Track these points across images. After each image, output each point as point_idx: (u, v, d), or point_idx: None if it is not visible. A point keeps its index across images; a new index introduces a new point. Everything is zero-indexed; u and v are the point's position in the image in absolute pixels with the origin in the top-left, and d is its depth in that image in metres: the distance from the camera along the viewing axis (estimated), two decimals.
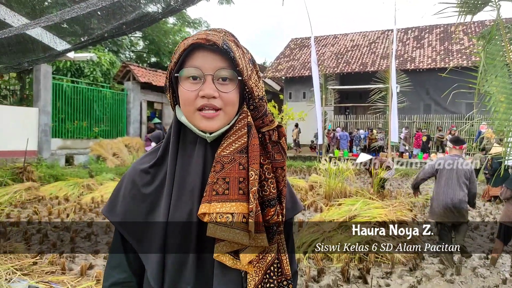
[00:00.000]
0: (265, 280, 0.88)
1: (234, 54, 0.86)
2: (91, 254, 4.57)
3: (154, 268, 0.89)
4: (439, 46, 21.12)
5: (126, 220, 0.93)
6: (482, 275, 4.31)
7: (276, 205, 0.90)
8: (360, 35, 24.85)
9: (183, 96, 0.90)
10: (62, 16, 2.70)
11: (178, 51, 0.90)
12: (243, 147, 0.89)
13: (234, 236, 0.83)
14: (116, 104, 13.62)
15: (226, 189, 0.86)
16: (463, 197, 4.69)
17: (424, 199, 8.57)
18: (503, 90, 5.88)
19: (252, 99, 0.93)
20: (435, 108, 20.26)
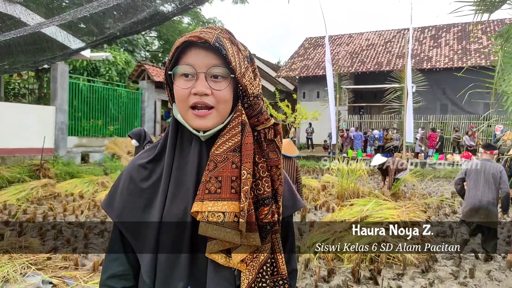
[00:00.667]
0: (258, 279, 0.88)
1: (226, 52, 0.86)
2: (103, 251, 4.64)
3: (147, 263, 0.90)
4: (457, 45, 20.72)
5: (123, 215, 0.95)
6: (497, 278, 4.22)
7: (271, 204, 0.90)
8: (375, 34, 24.57)
9: (176, 93, 0.90)
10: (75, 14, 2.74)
11: (173, 49, 0.91)
12: (237, 146, 0.89)
13: (225, 235, 0.83)
14: (131, 103, 13.79)
15: (218, 187, 0.86)
16: (492, 199, 4.65)
17: (439, 200, 8.43)
18: None
19: (247, 97, 0.92)
20: (452, 108, 19.88)
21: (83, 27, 5.46)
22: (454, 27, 22.45)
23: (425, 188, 11.09)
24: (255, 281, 0.88)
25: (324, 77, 16.53)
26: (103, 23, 4.69)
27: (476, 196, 4.78)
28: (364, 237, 4.65)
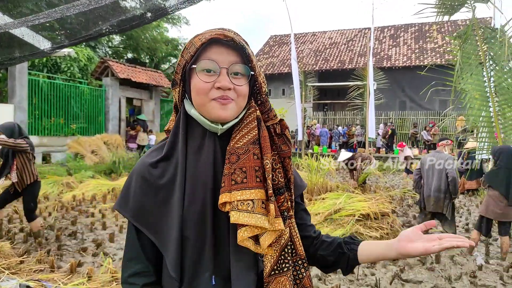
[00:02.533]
0: (281, 260, 0.94)
1: (248, 51, 0.93)
2: (78, 252, 4.54)
3: (173, 258, 0.92)
4: (414, 45, 21.70)
5: (140, 215, 0.96)
6: (459, 262, 4.54)
7: (284, 193, 0.97)
8: (338, 33, 25.20)
9: (198, 86, 0.93)
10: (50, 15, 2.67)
11: (194, 45, 0.93)
12: (255, 139, 0.94)
13: (257, 220, 0.88)
14: (94, 100, 13.33)
15: (244, 178, 0.91)
16: (439, 186, 5.18)
17: (402, 192, 8.86)
18: (477, 87, 6.18)
19: (260, 94, 0.99)
20: (410, 105, 20.85)
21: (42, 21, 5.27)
22: (411, 27, 23.48)
23: (388, 181, 11.60)
24: (277, 263, 0.94)
25: (289, 74, 16.79)
26: (65, 18, 4.56)
27: (428, 185, 5.30)
28: (339, 228, 4.84)
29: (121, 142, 13.53)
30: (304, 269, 1.02)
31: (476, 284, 3.87)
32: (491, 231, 4.94)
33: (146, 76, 15.10)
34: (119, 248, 4.78)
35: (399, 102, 21.12)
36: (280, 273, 0.94)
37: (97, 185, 8.40)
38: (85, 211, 6.60)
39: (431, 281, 3.96)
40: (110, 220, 6.07)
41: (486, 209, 4.70)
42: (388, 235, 4.96)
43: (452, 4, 5.94)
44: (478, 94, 6.16)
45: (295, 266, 1.00)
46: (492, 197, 4.66)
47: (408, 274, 4.14)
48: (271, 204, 0.90)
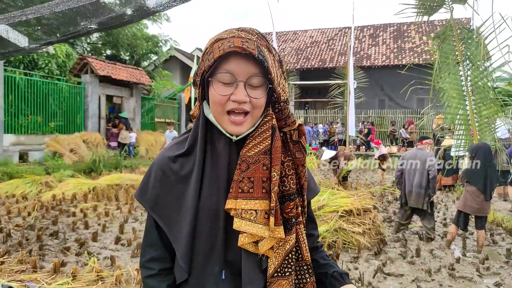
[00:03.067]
0: (284, 264, 0.98)
1: (267, 64, 0.91)
2: (61, 252, 4.46)
3: (183, 250, 0.97)
4: (393, 44, 22.12)
5: (157, 205, 1.01)
6: (438, 256, 4.69)
7: (295, 199, 1.00)
8: (318, 32, 25.43)
9: (214, 98, 0.95)
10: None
11: (213, 54, 0.92)
12: (267, 149, 0.96)
13: (257, 230, 0.93)
14: (73, 98, 13.03)
15: (251, 187, 0.94)
16: (421, 183, 5.30)
17: (382, 189, 9.05)
18: (455, 86, 6.38)
19: (278, 103, 1.00)
20: (389, 104, 21.27)
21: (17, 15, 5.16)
22: (390, 27, 23.91)
23: (369, 179, 11.81)
24: (281, 266, 0.98)
25: None
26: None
27: (409, 181, 5.44)
28: (323, 224, 4.92)
29: (101, 140, 13.29)
30: (309, 274, 1.04)
31: (455, 276, 4.01)
32: (468, 225, 5.11)
33: (127, 73, 14.87)
34: (103, 247, 4.73)
35: (379, 101, 21.51)
36: (282, 276, 0.98)
37: (77, 184, 8.25)
38: (66, 210, 6.48)
39: (412, 274, 4.09)
40: (92, 220, 5.98)
41: (464, 204, 4.86)
42: (370, 230, 5.07)
43: (431, 5, 6.11)
44: (455, 93, 6.36)
45: (300, 271, 1.04)
46: (469, 193, 4.82)
47: (390, 268, 4.25)
48: (271, 216, 0.94)
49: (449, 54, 6.30)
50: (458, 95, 6.36)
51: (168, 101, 18.23)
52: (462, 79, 6.31)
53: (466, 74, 6.23)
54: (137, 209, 6.79)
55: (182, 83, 22.33)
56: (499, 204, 7.90)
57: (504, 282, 3.89)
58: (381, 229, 5.26)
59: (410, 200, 5.40)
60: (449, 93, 6.35)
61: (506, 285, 3.83)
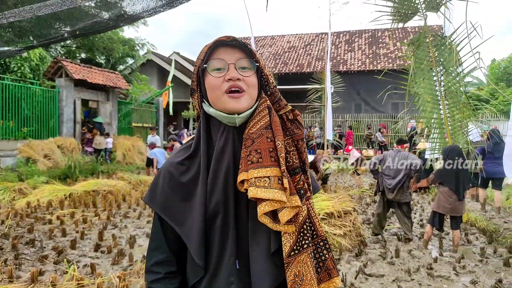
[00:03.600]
0: (300, 238, 0.99)
1: (250, 47, 1.05)
2: (38, 260, 4.33)
3: (196, 246, 0.99)
4: (368, 50, 22.63)
5: (167, 207, 1.05)
6: (417, 256, 4.82)
7: (300, 173, 1.04)
8: (296, 37, 25.73)
9: (210, 83, 1.03)
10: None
11: (203, 51, 1.05)
12: (267, 124, 1.03)
13: (274, 194, 0.95)
14: (47, 102, 12.68)
15: (259, 158, 0.99)
16: (402, 179, 5.44)
17: (360, 191, 9.22)
18: (429, 91, 6.59)
19: (268, 86, 1.10)
20: (365, 108, 21.70)
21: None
22: (365, 33, 24.46)
23: (347, 182, 12.00)
24: (297, 242, 0.99)
25: None
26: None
27: (389, 177, 5.56)
28: None
29: (76, 145, 12.97)
30: (327, 250, 1.07)
31: (433, 275, 4.13)
32: (443, 225, 5.27)
33: (103, 77, 14.61)
34: (82, 255, 4.62)
35: (355, 105, 21.91)
36: (299, 252, 0.98)
37: (53, 190, 8.01)
38: (42, 218, 6.28)
39: (392, 274, 4.18)
40: (69, 227, 5.83)
41: (438, 204, 5.02)
42: (351, 232, 5.16)
43: (406, 13, 6.30)
44: (429, 97, 6.57)
45: (317, 248, 1.06)
46: (443, 193, 4.99)
47: (371, 269, 4.34)
48: (285, 179, 0.96)
49: (423, 60, 6.51)
50: (432, 100, 6.57)
51: (146, 106, 18.00)
52: (436, 84, 6.52)
53: (439, 79, 6.45)
54: (115, 216, 6.66)
55: (159, 87, 22.10)
56: (472, 204, 8.19)
57: (479, 279, 4.04)
58: (361, 231, 5.37)
59: (389, 195, 5.50)
60: (424, 97, 6.55)
61: (481, 282, 3.98)
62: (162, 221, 1.06)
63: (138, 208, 7.30)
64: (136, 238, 5.26)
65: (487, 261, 4.67)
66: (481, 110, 6.89)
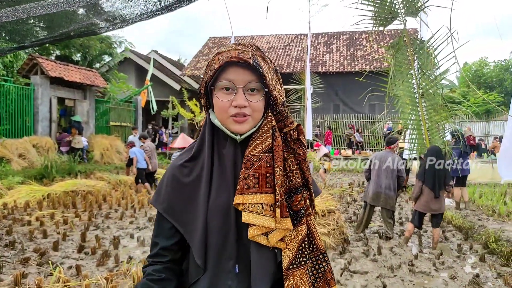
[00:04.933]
0: (299, 255, 1.05)
1: (262, 70, 1.02)
2: (20, 263, 4.22)
3: (198, 245, 1.03)
4: (346, 52, 23.01)
5: (170, 208, 1.09)
6: (398, 253, 4.98)
7: (302, 192, 1.08)
8: (275, 38, 25.87)
9: (218, 104, 1.05)
10: None
11: (214, 66, 1.04)
12: (269, 147, 1.06)
13: (264, 222, 1.00)
14: (21, 100, 12.27)
15: (256, 183, 1.03)
16: (389, 184, 5.57)
17: (341, 191, 9.39)
18: (408, 93, 6.79)
19: (275, 105, 1.11)
20: (343, 108, 22.05)
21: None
22: (343, 35, 24.85)
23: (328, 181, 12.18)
24: (295, 257, 1.04)
25: None
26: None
27: (377, 182, 5.65)
28: None
29: (52, 145, 12.63)
30: (325, 262, 1.13)
31: (414, 271, 4.29)
32: (423, 223, 5.46)
33: (80, 75, 14.27)
34: (65, 256, 4.55)
35: (333, 106, 22.23)
36: (297, 267, 1.04)
37: (30, 191, 7.80)
38: (20, 219, 6.12)
39: (375, 271, 4.31)
40: (50, 228, 5.70)
41: (418, 203, 5.19)
42: (335, 230, 5.28)
43: (386, 17, 6.47)
44: (408, 99, 6.78)
45: (316, 260, 1.11)
46: (423, 193, 5.16)
47: (355, 266, 4.46)
48: (277, 208, 1.01)
49: (403, 63, 6.71)
50: (411, 102, 6.78)
51: (124, 104, 17.69)
52: (415, 86, 6.74)
53: (418, 82, 6.66)
54: (97, 217, 6.55)
55: (137, 85, 21.77)
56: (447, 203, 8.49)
57: (457, 274, 4.22)
58: (344, 229, 5.49)
59: (378, 201, 5.57)
60: (403, 99, 6.76)
61: (460, 277, 4.16)
62: (161, 220, 1.12)
63: (119, 209, 7.20)
64: (120, 239, 5.20)
65: (464, 257, 4.88)
66: (456, 112, 7.15)
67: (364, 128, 20.84)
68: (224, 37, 26.52)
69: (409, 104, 6.84)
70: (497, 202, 7.69)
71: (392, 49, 6.80)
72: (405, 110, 6.92)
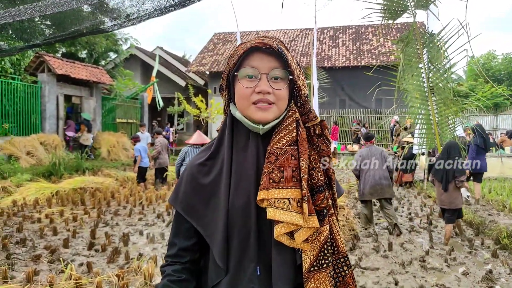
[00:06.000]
0: (320, 257, 0.99)
1: (287, 56, 0.99)
2: (31, 260, 4.24)
3: (219, 247, 0.99)
4: (352, 46, 22.83)
5: (189, 208, 1.05)
6: (409, 249, 4.93)
7: (324, 191, 1.02)
8: (280, 33, 25.73)
9: (240, 91, 1.01)
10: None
11: (237, 53, 1.01)
12: (294, 140, 1.01)
13: (292, 218, 0.94)
14: (28, 98, 12.34)
15: (281, 177, 0.97)
16: (383, 174, 5.65)
17: (349, 186, 9.35)
18: (417, 88, 6.71)
19: (300, 97, 1.06)
20: (349, 103, 21.92)
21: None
22: (349, 29, 24.65)
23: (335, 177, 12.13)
24: (317, 259, 0.99)
25: None
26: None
27: (372, 176, 5.67)
28: None
29: (60, 142, 12.69)
30: (347, 266, 1.06)
31: (426, 268, 4.25)
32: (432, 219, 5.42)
33: (86, 72, 14.31)
34: (76, 253, 4.56)
35: (340, 100, 22.10)
36: (319, 269, 0.98)
37: (39, 188, 7.84)
38: (30, 216, 6.15)
39: (387, 267, 4.28)
40: (60, 225, 5.72)
41: (437, 199, 5.20)
42: (344, 226, 5.25)
43: (396, 10, 6.38)
44: (418, 93, 6.70)
45: (337, 264, 1.05)
46: (437, 187, 5.17)
47: (366, 262, 4.42)
48: (304, 203, 0.95)
49: (412, 57, 6.62)
50: (421, 96, 6.70)
51: (130, 101, 17.73)
52: (424, 80, 6.65)
53: (428, 76, 6.58)
54: (106, 214, 6.58)
55: (143, 82, 21.80)
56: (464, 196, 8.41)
57: (470, 271, 4.17)
58: (354, 225, 5.46)
59: (374, 194, 5.61)
60: (412, 94, 6.68)
61: (472, 273, 4.11)
62: (180, 218, 1.09)
63: (128, 206, 7.22)
64: (129, 236, 5.21)
65: (475, 252, 4.82)
66: (467, 106, 7.06)
67: (371, 123, 20.70)
68: (229, 32, 26.42)
69: (419, 98, 6.76)
70: (508, 197, 7.60)
71: (401, 42, 6.72)
72: (414, 104, 6.84)
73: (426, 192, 8.89)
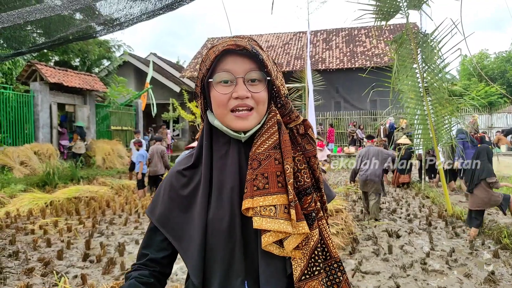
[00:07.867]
0: (311, 264, 0.93)
1: (262, 56, 0.93)
2: (24, 273, 4.14)
3: (194, 262, 0.92)
4: (345, 48, 22.89)
5: (165, 220, 0.99)
6: (409, 252, 4.87)
7: (312, 193, 0.96)
8: (274, 36, 25.78)
9: (216, 99, 0.94)
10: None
11: (209, 58, 0.95)
12: (276, 144, 0.95)
13: (279, 226, 0.88)
14: (21, 107, 12.21)
15: (266, 183, 0.91)
16: (375, 172, 6.40)
17: (346, 189, 9.29)
18: (412, 88, 6.69)
19: (279, 98, 1.00)
20: (344, 105, 21.95)
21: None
22: (342, 31, 24.73)
23: (332, 179, 12.09)
24: (308, 267, 0.92)
25: None
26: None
27: (365, 172, 6.46)
28: None
29: (54, 151, 12.56)
30: (341, 272, 1.00)
31: (427, 270, 4.18)
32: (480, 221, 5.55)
33: (79, 80, 14.20)
34: (70, 265, 4.45)
35: (335, 103, 22.12)
36: (311, 277, 0.92)
37: (33, 199, 7.72)
38: (23, 228, 6.04)
39: (387, 270, 4.21)
40: (54, 236, 5.61)
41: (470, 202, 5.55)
42: (343, 230, 5.18)
43: (388, 11, 6.37)
44: (413, 94, 6.68)
45: (330, 270, 0.99)
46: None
47: (366, 266, 4.35)
48: (292, 209, 0.90)
49: (406, 58, 6.61)
50: (416, 96, 6.68)
51: (124, 108, 17.63)
52: (419, 81, 6.64)
53: (422, 76, 6.56)
54: (101, 223, 6.47)
55: (137, 89, 21.71)
56: (454, 197, 8.38)
57: (471, 272, 4.12)
58: (353, 228, 5.39)
59: (364, 186, 6.52)
60: (407, 94, 6.66)
61: (474, 275, 4.05)
62: (157, 230, 1.03)
63: (123, 214, 7.12)
64: (125, 246, 5.12)
65: (476, 253, 4.77)
66: (462, 105, 7.05)
67: (366, 125, 20.72)
68: (223, 37, 26.39)
69: (414, 99, 6.74)
70: None
71: (395, 43, 6.70)
72: (409, 105, 6.83)
73: (424, 193, 8.86)
